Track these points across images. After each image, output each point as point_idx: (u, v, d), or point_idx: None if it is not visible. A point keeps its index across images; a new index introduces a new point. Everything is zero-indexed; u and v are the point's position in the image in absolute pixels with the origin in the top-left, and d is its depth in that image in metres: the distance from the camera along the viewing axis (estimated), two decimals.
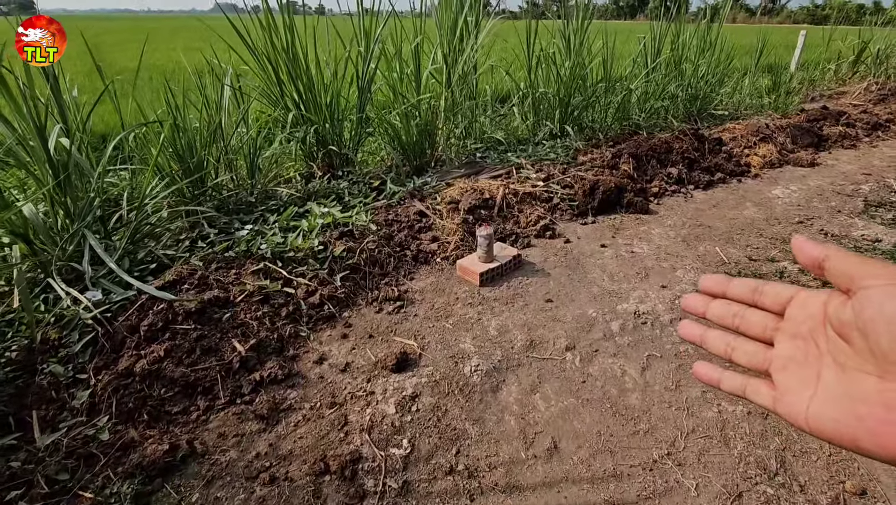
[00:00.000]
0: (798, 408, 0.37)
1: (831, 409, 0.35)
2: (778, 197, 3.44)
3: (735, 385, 0.43)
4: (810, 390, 0.37)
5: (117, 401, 1.54)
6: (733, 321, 0.44)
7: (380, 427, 1.55)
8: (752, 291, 0.43)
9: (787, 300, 0.41)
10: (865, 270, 0.34)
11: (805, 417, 0.37)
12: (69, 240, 2.05)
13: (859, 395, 0.33)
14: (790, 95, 6.49)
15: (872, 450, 0.33)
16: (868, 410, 0.33)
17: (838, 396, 0.35)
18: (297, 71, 3.06)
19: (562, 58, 4.38)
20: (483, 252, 2.31)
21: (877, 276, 0.33)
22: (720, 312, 0.45)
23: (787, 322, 0.41)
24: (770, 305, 0.42)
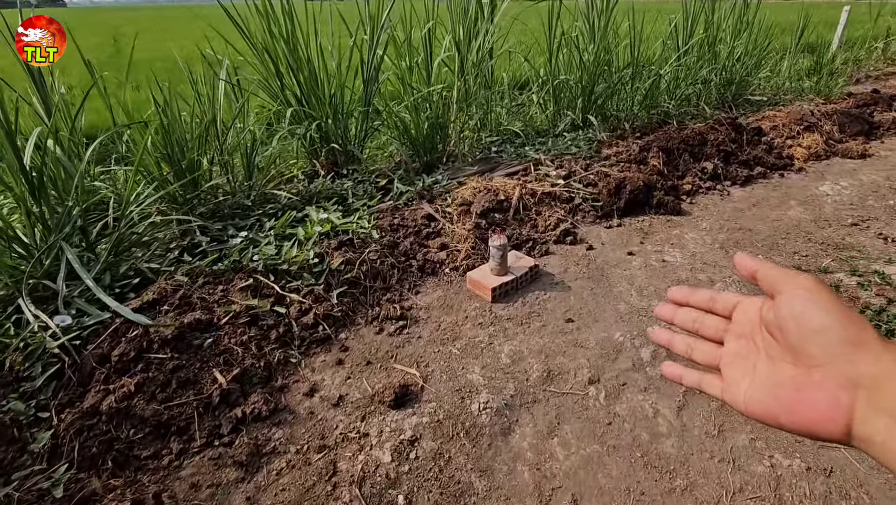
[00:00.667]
0: (738, 395, 0.45)
1: (761, 393, 0.43)
2: (826, 194, 3.10)
3: (693, 380, 0.51)
4: (748, 379, 0.45)
5: (80, 444, 1.37)
6: (693, 325, 0.53)
7: (373, 479, 1.35)
8: (709, 300, 0.52)
9: (733, 306, 0.50)
10: (783, 279, 0.43)
11: (744, 402, 0.45)
12: (45, 253, 1.89)
13: (780, 380, 0.42)
14: (834, 77, 5.99)
15: (787, 424, 0.41)
16: (784, 392, 0.41)
17: (766, 383, 0.43)
18: (298, 62, 2.83)
19: (585, 41, 4.05)
20: (496, 264, 2.07)
21: (789, 283, 0.42)
22: (683, 318, 0.54)
23: (734, 325, 0.49)
24: (721, 311, 0.51)
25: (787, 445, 1.41)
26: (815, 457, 1.37)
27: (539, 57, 4.94)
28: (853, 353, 0.37)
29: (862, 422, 0.36)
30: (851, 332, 0.38)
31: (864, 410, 0.36)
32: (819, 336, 0.39)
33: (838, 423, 0.37)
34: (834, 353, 0.38)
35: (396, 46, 3.34)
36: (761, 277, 0.45)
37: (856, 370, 0.37)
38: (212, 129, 2.58)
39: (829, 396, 0.38)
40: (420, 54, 3.40)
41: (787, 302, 0.42)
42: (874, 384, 0.36)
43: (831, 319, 0.39)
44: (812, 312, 0.40)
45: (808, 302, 0.40)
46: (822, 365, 0.39)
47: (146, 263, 2.07)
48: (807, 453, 1.38)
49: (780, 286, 0.43)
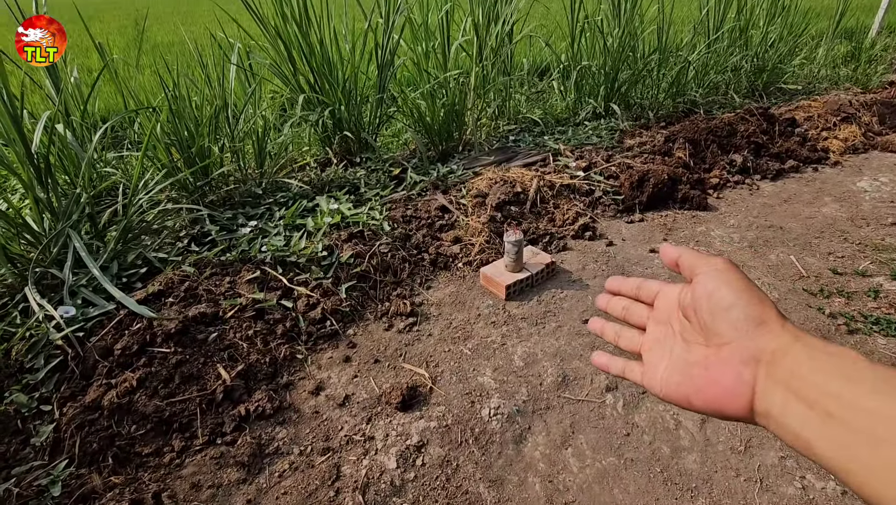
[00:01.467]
0: (655, 379, 0.46)
1: (675, 375, 0.44)
2: (864, 190, 2.92)
3: (618, 368, 0.52)
4: (665, 363, 0.46)
5: (81, 440, 1.34)
6: (622, 313, 0.55)
7: (377, 485, 1.30)
8: (636, 289, 0.53)
9: (655, 294, 0.51)
10: (700, 262, 0.45)
11: (659, 385, 0.45)
12: (53, 241, 1.87)
13: (692, 360, 0.43)
14: (873, 65, 5.67)
15: (697, 404, 0.42)
16: (696, 370, 0.42)
17: (680, 365, 0.44)
18: (310, 46, 2.75)
19: (609, 26, 3.88)
20: (511, 260, 1.99)
21: (705, 265, 0.44)
22: (614, 306, 0.56)
23: (655, 311, 0.51)
24: (646, 299, 0.53)
25: (819, 467, 1.31)
26: None
27: (561, 42, 4.77)
28: (755, 330, 0.39)
29: (762, 396, 0.37)
30: (756, 310, 0.39)
31: (763, 383, 0.37)
32: (727, 314, 0.40)
33: (742, 399, 0.38)
34: (740, 330, 0.39)
35: (413, 30, 3.22)
36: (681, 263, 0.47)
37: (757, 346, 0.38)
38: (223, 115, 2.52)
39: (734, 372, 0.39)
40: (437, 38, 3.28)
41: (701, 282, 0.43)
42: (772, 358, 0.37)
43: (738, 297, 0.40)
44: (722, 291, 0.41)
45: (719, 281, 0.42)
46: (729, 343, 0.40)
47: (154, 253, 2.04)
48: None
49: (696, 269, 0.45)
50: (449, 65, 3.29)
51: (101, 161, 2.50)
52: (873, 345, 1.72)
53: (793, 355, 0.36)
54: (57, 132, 2.04)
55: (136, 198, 2.07)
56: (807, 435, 0.34)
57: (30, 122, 2.14)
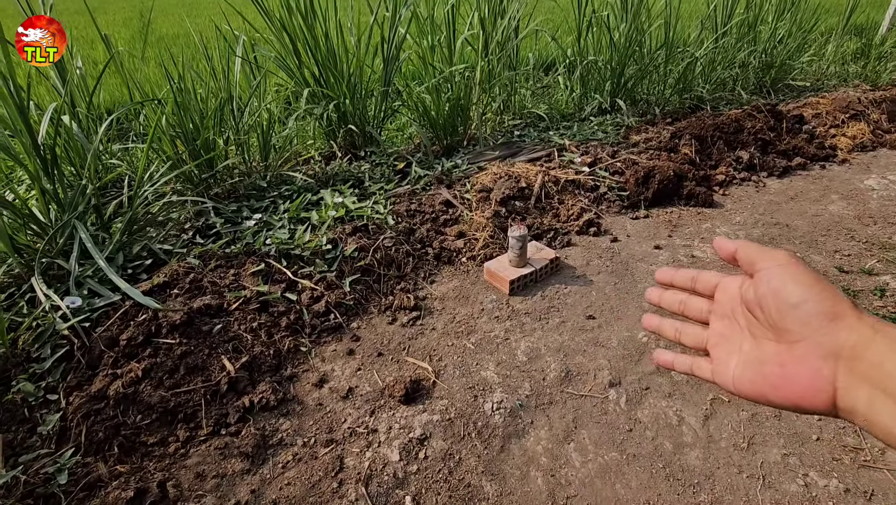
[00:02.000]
0: (727, 376, 0.45)
1: (748, 372, 0.43)
2: (872, 189, 2.90)
3: (685, 365, 0.51)
4: (735, 359, 0.45)
5: (87, 429, 1.36)
6: (679, 307, 0.53)
7: (380, 477, 1.30)
8: (691, 280, 0.52)
9: (714, 286, 0.50)
10: (761, 256, 0.43)
11: (732, 382, 0.45)
12: (59, 232, 1.87)
13: (764, 358, 0.42)
14: (882, 62, 5.61)
15: (776, 401, 0.41)
16: (770, 368, 0.41)
17: (752, 361, 0.43)
18: (315, 39, 2.74)
19: (616, 20, 3.85)
20: (515, 255, 1.98)
21: (767, 259, 0.42)
22: (669, 301, 0.54)
23: (716, 305, 0.49)
24: (703, 291, 0.51)
25: (822, 463, 1.31)
26: (855, 478, 1.27)
27: (567, 36, 4.74)
28: (830, 325, 0.37)
29: (845, 392, 0.36)
30: (827, 304, 0.38)
31: (845, 380, 0.36)
32: (796, 311, 0.39)
33: (823, 395, 0.37)
34: (812, 326, 0.38)
35: (419, 24, 3.21)
36: (740, 257, 0.46)
37: (835, 342, 0.37)
38: (228, 108, 2.52)
39: (812, 370, 0.38)
40: (443, 32, 3.27)
41: (763, 279, 0.42)
42: (853, 354, 0.36)
43: (807, 293, 0.39)
44: (788, 288, 0.40)
45: (783, 277, 0.41)
46: (802, 339, 0.39)
47: (159, 244, 2.05)
48: (846, 474, 1.28)
49: (756, 264, 0.43)
50: (454, 59, 3.27)
51: (106, 153, 2.51)
52: None
53: (875, 349, 0.35)
54: (63, 124, 2.04)
55: (142, 190, 2.08)
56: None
57: (36, 114, 2.14)
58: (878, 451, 1.34)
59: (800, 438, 1.38)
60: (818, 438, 1.38)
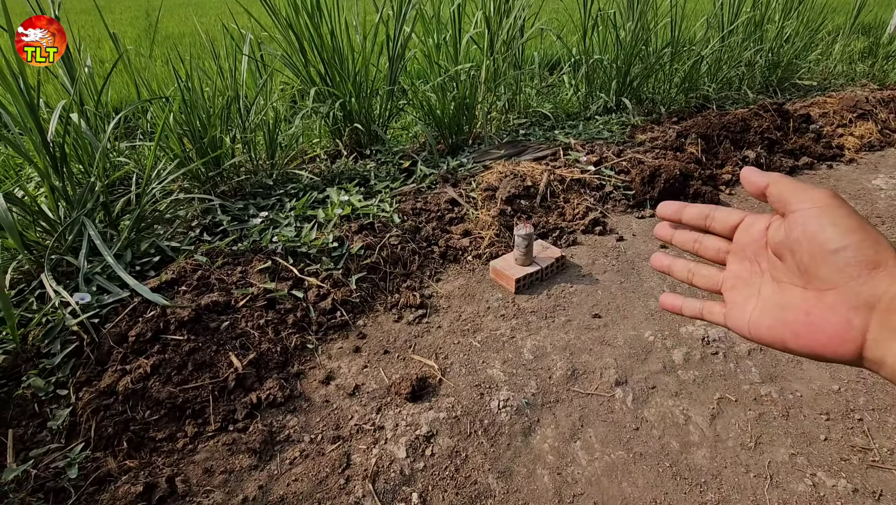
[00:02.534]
0: (742, 320, 0.44)
1: (767, 317, 0.42)
2: (880, 189, 2.88)
3: (694, 309, 0.49)
4: (752, 304, 0.43)
5: (97, 424, 1.37)
6: (693, 246, 0.50)
7: (386, 474, 1.31)
8: (704, 218, 0.48)
9: (734, 225, 0.46)
10: (797, 196, 0.39)
11: (747, 327, 0.43)
12: (68, 229, 1.89)
13: (787, 304, 0.40)
14: (890, 61, 5.57)
15: (794, 347, 0.40)
16: (793, 315, 0.39)
17: (772, 307, 0.41)
18: (321, 38, 2.75)
19: (622, 19, 3.84)
20: (521, 254, 1.99)
21: (804, 200, 0.39)
22: (682, 239, 0.51)
23: (736, 245, 0.46)
24: (720, 230, 0.48)
25: (830, 463, 1.31)
26: (863, 478, 1.26)
27: (572, 35, 4.73)
28: (869, 274, 0.35)
29: (874, 344, 0.35)
30: (870, 252, 0.36)
31: (877, 331, 0.35)
32: (835, 257, 0.37)
33: (849, 345, 0.36)
34: (849, 274, 0.36)
35: (424, 22, 3.21)
36: (772, 193, 0.42)
37: (871, 292, 0.35)
38: (234, 106, 2.53)
39: (842, 319, 0.36)
40: (448, 31, 3.27)
41: (799, 221, 0.39)
42: (890, 306, 0.34)
43: (848, 239, 0.36)
44: (828, 232, 0.37)
45: (823, 221, 0.38)
46: (834, 287, 0.37)
47: (167, 242, 2.06)
48: (854, 474, 1.28)
49: (792, 203, 0.40)
50: (460, 58, 3.27)
51: (114, 150, 2.52)
52: None
53: None
54: (72, 122, 2.06)
55: (149, 187, 2.09)
56: None
57: (45, 112, 2.16)
58: (888, 451, 1.34)
59: (807, 438, 1.38)
60: (826, 438, 1.38)
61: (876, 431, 1.39)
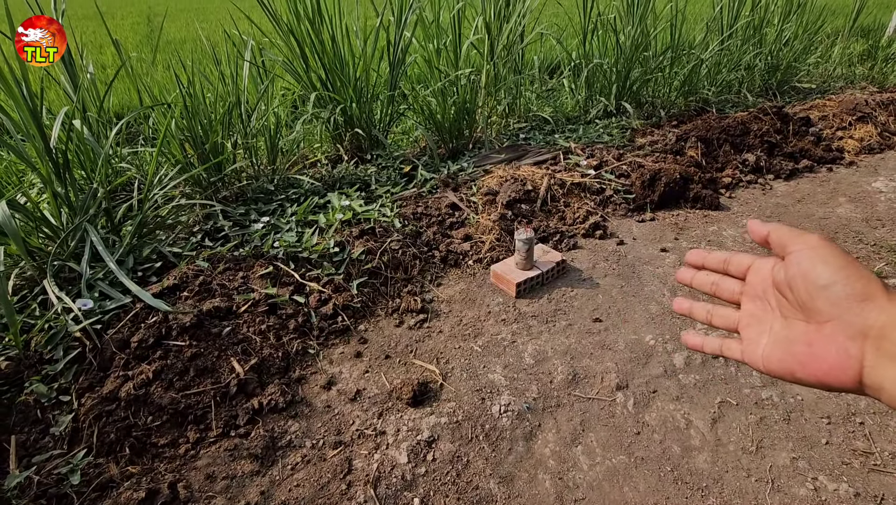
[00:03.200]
0: (756, 354, 0.47)
1: (777, 351, 0.45)
2: (880, 191, 2.89)
3: (714, 347, 0.52)
4: (765, 339, 0.47)
5: (99, 430, 1.37)
6: (711, 288, 0.54)
7: (388, 479, 1.31)
8: (723, 262, 0.53)
9: (746, 268, 0.51)
10: (793, 239, 0.44)
11: (761, 361, 0.46)
12: (71, 235, 1.90)
13: (793, 337, 0.43)
14: (889, 63, 5.59)
15: (803, 378, 0.42)
16: (798, 347, 0.42)
17: (781, 340, 0.45)
18: (322, 44, 2.76)
19: (622, 23, 3.86)
20: (522, 258, 1.99)
21: (798, 242, 0.43)
22: (701, 281, 0.55)
23: (748, 286, 0.50)
24: (735, 273, 0.52)
25: (832, 467, 1.31)
26: (865, 482, 1.26)
27: (572, 39, 4.75)
28: (860, 306, 0.38)
29: (871, 370, 0.37)
30: (858, 286, 0.39)
31: (872, 358, 0.37)
32: (826, 292, 0.40)
33: (849, 373, 0.39)
34: (842, 307, 0.39)
35: (424, 28, 3.23)
36: (772, 239, 0.46)
37: (863, 322, 0.38)
38: (236, 112, 2.55)
39: (839, 348, 0.39)
40: (449, 36, 3.28)
41: (794, 260, 0.43)
42: (881, 333, 0.37)
43: (836, 275, 0.40)
44: (819, 269, 0.41)
45: (814, 259, 0.41)
46: (830, 319, 0.40)
47: (169, 247, 2.07)
48: (855, 477, 1.28)
49: (788, 246, 0.44)
50: (460, 62, 3.29)
51: (116, 156, 2.53)
52: None
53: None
54: (74, 128, 2.07)
55: (151, 193, 2.10)
56: None
57: (48, 119, 2.17)
58: (889, 455, 1.34)
59: (809, 442, 1.38)
60: (827, 442, 1.38)
61: (877, 435, 1.39)
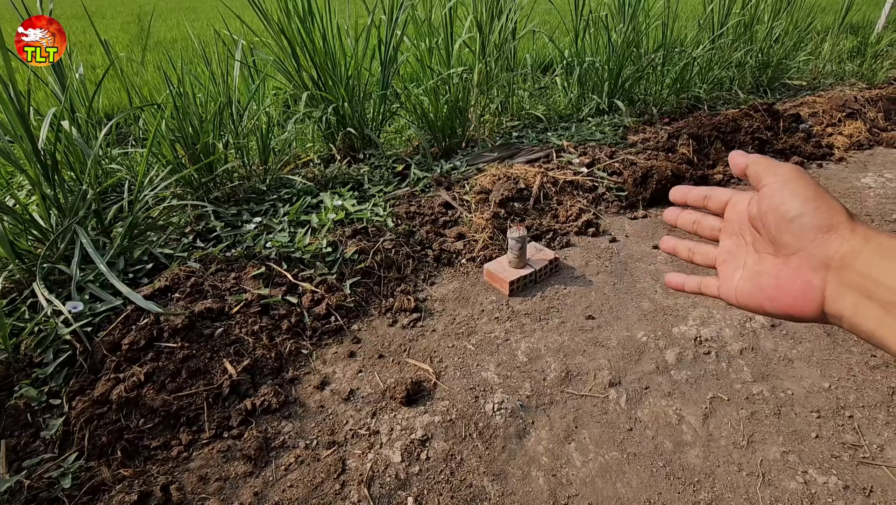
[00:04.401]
0: (730, 289, 0.48)
1: (748, 284, 0.46)
2: (869, 187, 2.91)
3: (694, 285, 0.53)
4: (738, 273, 0.48)
5: (90, 433, 1.36)
6: (693, 227, 0.55)
7: (382, 478, 1.31)
8: (704, 198, 0.53)
9: (725, 203, 0.51)
10: (767, 172, 0.44)
11: (735, 295, 0.47)
12: (60, 237, 1.88)
13: (763, 270, 0.45)
14: (878, 60, 5.63)
15: (770, 310, 0.44)
16: (767, 280, 0.44)
17: (752, 274, 0.46)
18: (313, 43, 2.75)
19: (614, 21, 3.87)
20: (514, 256, 1.99)
21: (771, 174, 0.43)
22: (684, 221, 0.56)
23: (726, 222, 0.51)
24: (714, 209, 0.52)
25: (822, 461, 1.32)
26: (854, 474, 1.28)
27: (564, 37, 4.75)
28: (824, 237, 0.39)
29: (832, 300, 0.39)
30: (824, 218, 0.39)
31: (833, 289, 0.38)
32: (793, 224, 0.41)
33: (812, 303, 0.40)
34: (806, 238, 0.40)
35: (416, 26, 3.22)
36: (750, 173, 0.46)
37: (826, 252, 0.39)
38: (227, 112, 2.53)
39: (803, 280, 0.40)
40: (440, 35, 3.28)
41: (767, 194, 0.43)
42: (842, 263, 0.38)
43: (804, 206, 0.40)
44: (788, 202, 0.41)
45: (784, 192, 0.42)
46: (796, 252, 0.41)
47: (160, 249, 2.06)
48: (844, 470, 1.29)
49: (762, 179, 0.44)
50: (452, 61, 3.29)
51: (106, 157, 2.52)
52: None
53: (864, 258, 0.36)
54: (63, 129, 2.05)
55: (142, 194, 2.09)
56: (882, 333, 0.35)
57: (36, 120, 2.15)
58: (877, 448, 1.35)
59: (799, 436, 1.40)
60: (817, 436, 1.39)
61: (866, 428, 1.41)
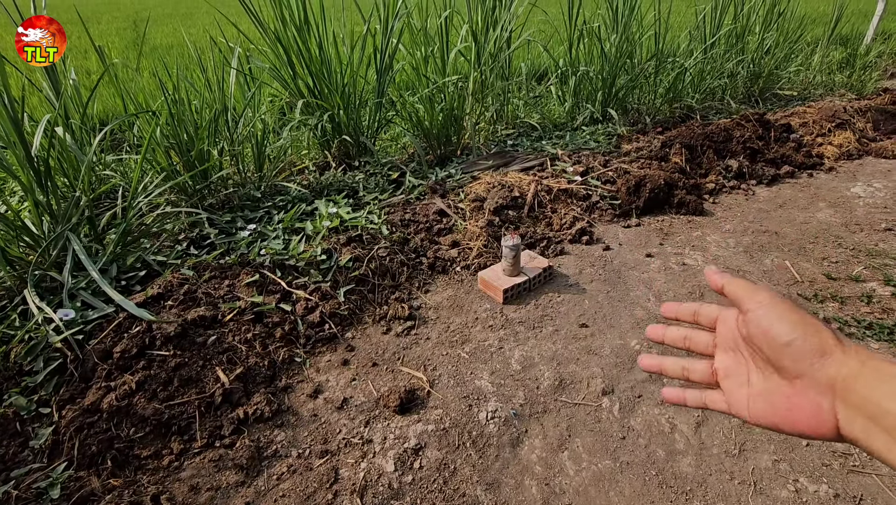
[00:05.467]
0: (742, 406, 0.47)
1: (760, 404, 0.45)
2: (858, 196, 2.95)
3: (697, 400, 0.51)
4: (745, 391, 0.46)
5: (80, 442, 1.35)
6: (685, 343, 0.54)
7: (374, 488, 1.31)
8: (693, 314, 0.53)
9: (715, 319, 0.51)
10: (747, 295, 0.45)
11: (748, 414, 0.46)
12: (52, 244, 1.87)
13: (772, 389, 0.44)
14: (867, 71, 5.73)
15: (789, 431, 0.43)
16: (779, 401, 0.43)
17: (762, 392, 0.45)
18: (309, 51, 2.76)
19: (607, 31, 3.91)
20: (508, 264, 2.00)
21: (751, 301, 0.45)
22: (673, 337, 0.54)
23: (719, 337, 0.51)
24: (706, 324, 0.52)
25: (813, 469, 1.33)
26: (844, 483, 1.29)
27: (558, 46, 4.80)
28: (821, 361, 0.40)
29: (845, 422, 0.39)
30: (815, 342, 0.40)
31: (843, 411, 0.39)
32: (789, 349, 0.41)
33: (828, 427, 0.40)
34: (805, 362, 0.40)
35: (412, 35, 3.25)
36: (728, 293, 0.48)
37: (827, 376, 0.39)
38: (222, 119, 2.54)
39: (813, 404, 0.40)
40: (436, 43, 3.30)
41: (752, 320, 0.44)
42: (845, 386, 0.38)
43: (795, 330, 0.41)
44: (776, 328, 0.42)
45: (770, 317, 0.43)
46: (799, 375, 0.41)
47: (153, 256, 2.05)
48: (835, 479, 1.30)
49: (743, 304, 0.45)
50: (448, 69, 3.31)
51: (100, 164, 2.51)
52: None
53: (863, 381, 0.37)
54: (56, 135, 2.05)
55: (136, 201, 2.08)
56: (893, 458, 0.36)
57: (29, 126, 2.15)
58: (867, 456, 1.36)
59: (790, 445, 1.40)
60: (808, 445, 1.40)
61: None
